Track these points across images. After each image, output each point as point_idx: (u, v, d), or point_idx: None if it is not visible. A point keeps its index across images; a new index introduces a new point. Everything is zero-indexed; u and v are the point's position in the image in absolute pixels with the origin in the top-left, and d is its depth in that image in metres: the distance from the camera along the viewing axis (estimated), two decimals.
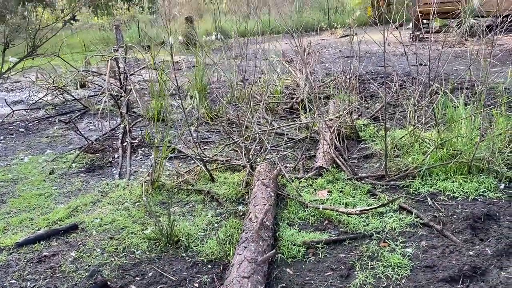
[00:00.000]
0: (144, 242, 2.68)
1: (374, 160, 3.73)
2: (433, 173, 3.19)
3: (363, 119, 4.70)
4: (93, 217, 3.07)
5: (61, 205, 3.31)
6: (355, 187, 3.15)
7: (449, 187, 3.01)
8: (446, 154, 3.26)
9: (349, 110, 4.08)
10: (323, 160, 3.43)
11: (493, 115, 3.63)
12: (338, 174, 3.34)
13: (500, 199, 2.85)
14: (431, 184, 3.10)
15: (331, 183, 3.23)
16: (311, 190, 3.18)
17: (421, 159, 3.30)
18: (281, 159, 3.96)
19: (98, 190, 3.54)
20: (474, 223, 2.58)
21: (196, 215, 2.98)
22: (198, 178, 3.56)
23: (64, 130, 5.37)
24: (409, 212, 2.77)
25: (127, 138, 4.63)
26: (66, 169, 4.06)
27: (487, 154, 3.07)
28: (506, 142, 3.35)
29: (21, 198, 3.48)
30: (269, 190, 2.92)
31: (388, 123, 4.52)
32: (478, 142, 3.04)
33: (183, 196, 3.30)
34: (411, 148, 3.62)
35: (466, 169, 3.13)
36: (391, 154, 3.62)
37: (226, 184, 3.41)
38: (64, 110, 6.40)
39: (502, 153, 3.25)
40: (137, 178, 3.74)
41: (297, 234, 2.60)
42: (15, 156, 4.52)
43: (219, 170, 3.71)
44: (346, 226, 2.68)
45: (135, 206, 3.18)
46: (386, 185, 3.17)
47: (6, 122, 5.89)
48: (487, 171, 3.10)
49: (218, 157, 3.87)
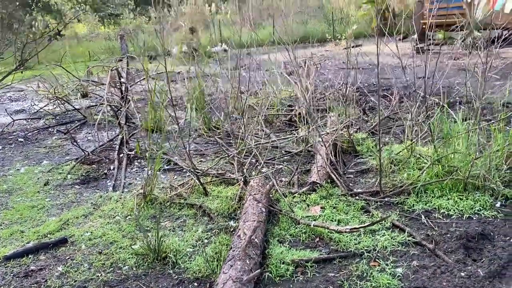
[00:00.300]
0: (132, 258, 2.65)
1: (370, 175, 3.69)
2: (428, 189, 3.14)
3: (361, 133, 4.66)
4: (83, 230, 3.04)
5: (53, 218, 3.29)
6: (349, 203, 3.10)
7: (444, 204, 2.96)
8: (442, 170, 3.20)
9: (345, 124, 4.03)
10: (317, 175, 3.39)
11: (492, 131, 3.58)
12: (332, 189, 3.29)
13: (495, 217, 2.79)
14: (426, 201, 3.05)
15: (324, 198, 3.19)
16: (304, 206, 3.13)
17: (417, 175, 3.25)
18: (277, 172, 3.93)
19: (91, 202, 3.52)
20: (467, 242, 2.52)
21: (187, 230, 2.94)
22: (192, 191, 3.53)
23: (63, 141, 5.37)
24: (402, 230, 2.72)
25: (124, 149, 4.62)
26: (61, 181, 4.05)
27: (482, 171, 3.02)
28: (504, 158, 3.30)
29: (14, 210, 3.46)
30: (260, 206, 2.88)
31: (387, 137, 4.48)
32: (473, 159, 2.99)
33: (175, 210, 3.27)
34: (407, 163, 3.57)
35: (462, 186, 3.07)
36: (387, 169, 3.58)
37: (219, 198, 3.37)
38: (64, 120, 6.41)
39: (499, 170, 3.19)
40: (130, 190, 3.72)
41: (286, 252, 2.55)
42: (11, 167, 4.52)
43: (213, 183, 3.68)
44: (337, 244, 2.63)
45: (126, 220, 3.16)
46: (381, 201, 3.12)
47: (6, 132, 5.92)
48: (483, 189, 3.04)
49: (213, 170, 3.84)
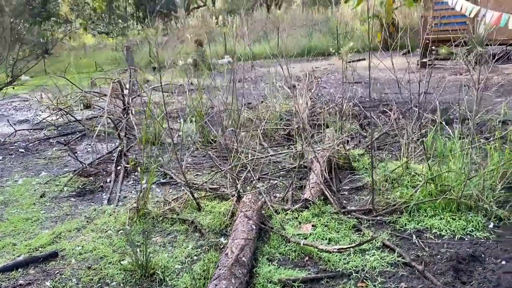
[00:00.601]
0: (121, 273, 2.65)
1: (365, 193, 3.67)
2: (421, 208, 3.12)
3: (358, 149, 4.65)
4: (75, 244, 3.05)
5: (46, 231, 3.30)
6: (341, 221, 3.08)
7: (436, 224, 2.93)
8: (436, 189, 3.18)
9: (341, 140, 4.03)
10: (309, 192, 3.37)
11: (488, 150, 3.56)
12: (325, 207, 3.28)
13: (487, 239, 2.76)
14: (418, 220, 3.02)
15: (317, 216, 3.17)
16: (296, 223, 3.12)
17: (410, 193, 3.23)
18: (272, 188, 3.92)
19: (84, 216, 3.53)
20: (458, 264, 2.50)
21: (177, 246, 2.94)
22: (185, 206, 3.53)
23: (62, 152, 5.41)
24: (392, 250, 2.69)
25: (122, 162, 4.64)
26: (57, 193, 4.07)
27: (475, 191, 2.99)
28: (498, 178, 3.27)
29: (8, 222, 3.48)
30: (251, 223, 2.88)
31: (383, 154, 4.47)
32: (466, 180, 2.97)
33: (167, 225, 3.26)
34: (402, 181, 3.56)
35: (455, 206, 3.05)
36: (382, 187, 3.56)
37: (212, 214, 3.37)
38: (66, 131, 6.47)
39: (494, 190, 3.17)
40: (125, 204, 3.73)
41: (274, 271, 2.54)
42: (10, 178, 4.56)
43: (208, 198, 3.68)
44: (326, 264, 2.61)
45: (118, 234, 3.16)
46: (373, 220, 3.10)
47: (8, 142, 5.97)
48: (476, 209, 3.02)
49: (208, 185, 3.84)
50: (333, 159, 4.08)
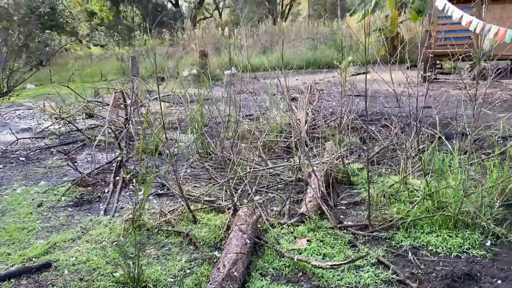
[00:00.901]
0: (113, 286, 2.63)
1: (362, 208, 3.64)
2: (418, 225, 3.09)
3: (358, 163, 4.63)
4: (69, 255, 3.04)
5: (41, 241, 3.30)
6: (336, 236, 3.06)
7: (432, 241, 2.90)
8: (433, 205, 3.15)
9: (339, 154, 4.01)
10: (306, 207, 3.35)
11: (487, 166, 3.53)
12: (321, 222, 3.25)
13: (484, 257, 2.72)
14: (414, 237, 2.99)
15: (312, 231, 3.15)
16: (291, 238, 3.10)
17: (407, 209, 3.20)
18: (270, 201, 3.90)
19: (80, 226, 3.53)
20: (452, 283, 2.46)
21: (170, 259, 2.92)
22: (181, 218, 3.52)
23: (63, 161, 5.43)
24: (387, 267, 2.66)
25: (121, 172, 4.65)
26: (55, 202, 4.08)
27: (472, 208, 2.96)
28: (497, 195, 3.24)
29: (4, 231, 3.48)
30: (245, 237, 2.86)
31: (383, 169, 4.44)
32: (463, 197, 2.94)
33: (162, 237, 3.25)
34: (399, 197, 3.53)
35: (452, 223, 3.01)
36: (379, 202, 3.54)
37: (207, 227, 3.36)
38: (67, 140, 6.49)
39: (492, 207, 3.13)
40: (121, 215, 3.72)
41: (267, 287, 2.51)
42: (9, 186, 4.57)
43: (204, 210, 3.67)
44: (319, 280, 2.58)
45: (112, 246, 3.15)
46: (369, 235, 3.07)
47: (9, 150, 6.00)
48: (473, 226, 2.98)
49: (204, 197, 3.83)
50: (331, 173, 4.06)
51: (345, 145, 4.54)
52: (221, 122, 5.09)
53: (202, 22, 31.51)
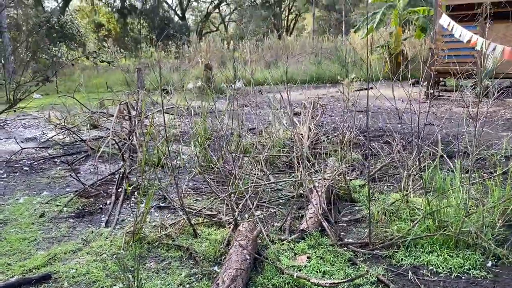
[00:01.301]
0: None
1: (363, 225, 3.63)
2: (418, 244, 3.08)
3: (360, 179, 4.63)
4: (69, 267, 3.05)
5: (42, 252, 3.30)
6: (337, 254, 3.05)
7: (433, 261, 2.89)
8: (434, 224, 3.15)
9: (340, 171, 4.02)
10: (306, 223, 3.36)
11: (489, 186, 3.53)
12: (321, 238, 3.25)
13: (485, 278, 2.71)
14: (415, 256, 2.98)
15: (312, 248, 3.14)
16: (291, 254, 3.09)
17: (408, 228, 3.20)
18: (271, 216, 3.90)
19: (81, 238, 3.54)
20: None
21: (170, 273, 2.92)
22: (182, 232, 3.52)
23: (66, 171, 5.45)
24: (387, 286, 2.65)
25: (123, 184, 4.67)
26: (57, 213, 4.09)
27: (473, 228, 2.95)
28: (498, 215, 3.24)
29: (5, 242, 3.49)
30: (245, 253, 2.86)
31: (384, 186, 4.44)
32: (464, 216, 2.94)
33: (162, 250, 3.25)
34: (400, 215, 3.52)
35: (453, 243, 3.01)
36: (380, 219, 3.53)
37: (208, 241, 3.36)
38: (71, 151, 6.53)
39: (493, 227, 3.13)
40: (123, 227, 3.73)
41: None
42: (12, 196, 4.59)
43: (205, 224, 3.67)
44: None
45: (112, 258, 3.15)
46: (369, 253, 3.07)
47: (13, 160, 6.04)
48: (474, 247, 2.97)
49: (205, 211, 3.84)
50: (333, 189, 4.06)
51: (347, 161, 4.54)
52: (224, 136, 5.11)
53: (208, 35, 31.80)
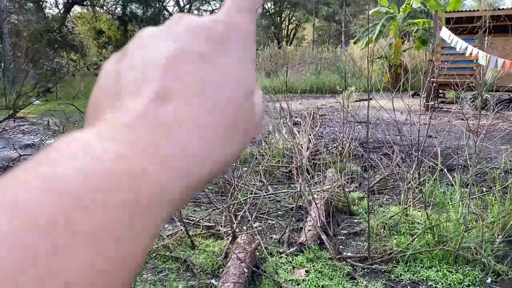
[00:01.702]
0: None
1: (362, 238, 3.61)
2: (418, 258, 3.06)
3: (359, 192, 4.62)
4: None
5: None
6: (335, 268, 3.03)
7: (432, 276, 2.87)
8: (433, 239, 3.13)
9: (339, 183, 4.01)
10: (305, 236, 3.34)
11: (488, 201, 3.52)
12: (320, 252, 3.23)
13: None
14: (414, 271, 2.96)
15: (311, 261, 3.12)
16: (289, 268, 3.07)
17: (407, 242, 3.18)
18: (269, 228, 3.88)
19: None
20: None
21: (167, 286, 2.89)
22: (179, 243, 3.50)
23: None
24: None
25: None
26: None
27: (472, 244, 2.94)
28: (498, 230, 3.22)
29: None
30: (243, 266, 2.83)
31: (384, 198, 4.43)
32: (463, 232, 2.92)
33: (159, 262, 3.23)
34: (400, 228, 3.51)
35: (452, 258, 2.99)
36: (380, 233, 3.52)
37: (206, 253, 3.33)
38: None
39: (493, 243, 3.11)
40: None
41: None
42: None
43: (203, 236, 3.65)
44: None
45: None
46: (368, 268, 3.05)
47: (11, 166, 6.01)
48: (473, 262, 2.95)
49: (204, 222, 3.81)
50: (332, 202, 4.05)
51: (346, 173, 4.53)
52: None
53: None
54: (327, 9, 34.40)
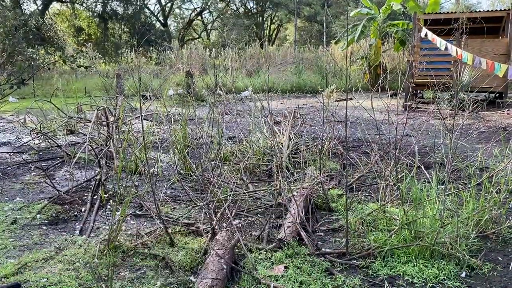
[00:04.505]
0: None
1: (341, 234, 3.64)
2: (395, 254, 3.10)
3: (338, 189, 4.66)
4: (40, 276, 2.96)
5: (12, 260, 3.20)
6: (314, 264, 3.05)
7: (409, 271, 2.91)
8: (410, 235, 3.18)
9: (318, 180, 4.03)
10: (284, 232, 3.35)
11: (463, 198, 3.60)
12: (299, 248, 3.24)
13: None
14: (391, 266, 3.00)
15: (290, 257, 3.13)
16: (269, 264, 3.07)
17: (384, 238, 3.22)
18: (249, 225, 3.88)
19: (54, 246, 3.44)
20: None
21: (145, 283, 2.86)
22: (158, 240, 3.47)
23: (41, 177, 5.33)
24: None
25: (99, 191, 4.58)
26: (29, 220, 3.98)
27: (448, 239, 2.99)
28: (473, 226, 3.29)
29: None
30: (222, 262, 2.83)
31: (362, 195, 4.48)
32: (439, 227, 2.97)
33: (137, 259, 3.19)
34: (377, 224, 3.55)
35: (428, 253, 3.04)
36: (358, 229, 3.55)
37: (184, 250, 3.31)
38: (47, 156, 6.39)
39: (467, 238, 3.17)
40: (97, 235, 3.65)
41: None
42: None
43: (182, 233, 3.63)
44: None
45: (86, 267, 3.07)
46: (346, 263, 3.07)
47: None
48: (448, 257, 3.01)
49: (183, 219, 3.79)
50: (311, 199, 4.07)
51: (325, 170, 4.57)
52: (204, 144, 5.08)
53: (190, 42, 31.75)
54: (309, 10, 34.60)
